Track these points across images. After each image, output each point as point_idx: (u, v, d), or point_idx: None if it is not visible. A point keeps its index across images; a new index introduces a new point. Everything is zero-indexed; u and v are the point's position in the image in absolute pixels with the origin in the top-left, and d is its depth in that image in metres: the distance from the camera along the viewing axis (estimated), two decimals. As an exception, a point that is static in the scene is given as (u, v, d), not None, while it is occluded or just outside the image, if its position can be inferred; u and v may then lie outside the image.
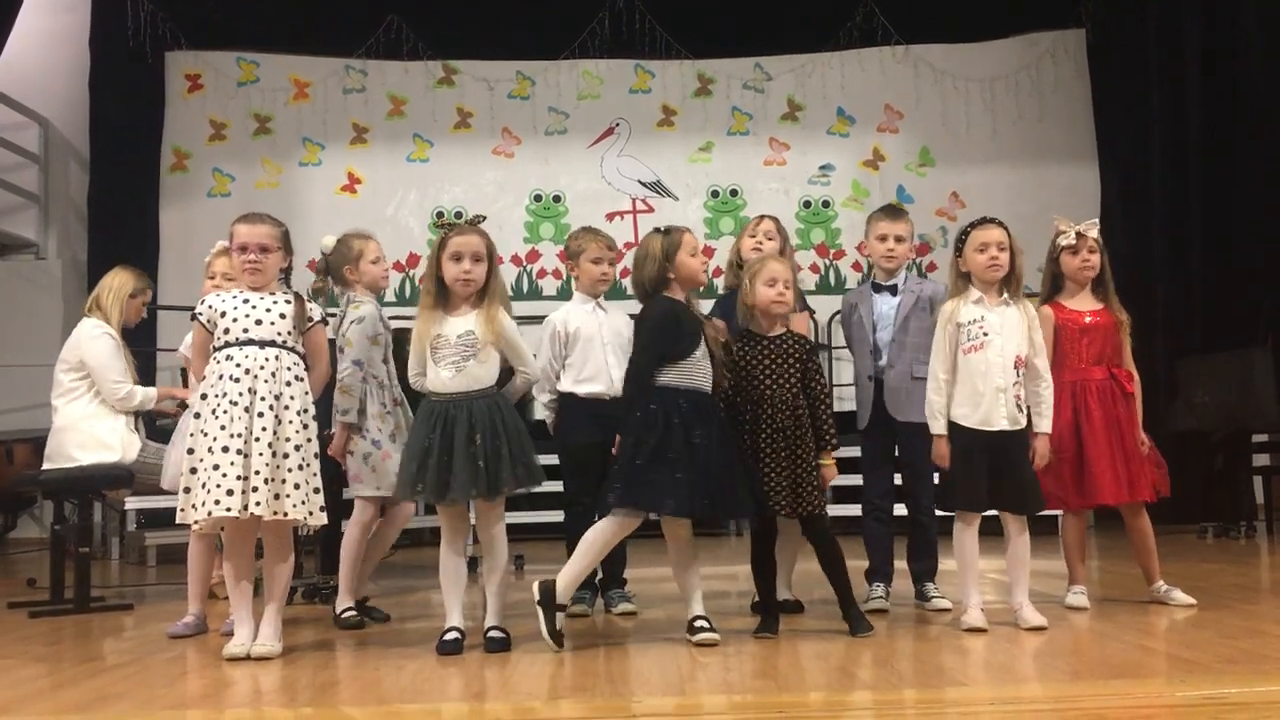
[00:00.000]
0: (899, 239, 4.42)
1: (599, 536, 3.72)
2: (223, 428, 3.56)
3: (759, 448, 3.77)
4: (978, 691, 2.95)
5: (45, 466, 4.93)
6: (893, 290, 4.42)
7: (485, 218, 3.86)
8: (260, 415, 3.60)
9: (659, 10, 9.02)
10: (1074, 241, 4.28)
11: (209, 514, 3.52)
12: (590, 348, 4.38)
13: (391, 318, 4.55)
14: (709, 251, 9.00)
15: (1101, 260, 4.30)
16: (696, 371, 3.72)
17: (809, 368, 3.84)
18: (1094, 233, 4.30)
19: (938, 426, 3.92)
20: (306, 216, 8.50)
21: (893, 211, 4.56)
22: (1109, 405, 4.22)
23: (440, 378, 3.68)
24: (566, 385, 4.40)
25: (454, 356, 3.68)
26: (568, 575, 3.71)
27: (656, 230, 3.88)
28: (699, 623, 3.66)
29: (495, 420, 3.65)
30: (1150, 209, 8.51)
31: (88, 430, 4.86)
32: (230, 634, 3.70)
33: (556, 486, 4.46)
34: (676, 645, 3.63)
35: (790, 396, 3.79)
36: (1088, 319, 4.28)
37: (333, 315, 4.21)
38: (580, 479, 4.33)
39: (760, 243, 4.48)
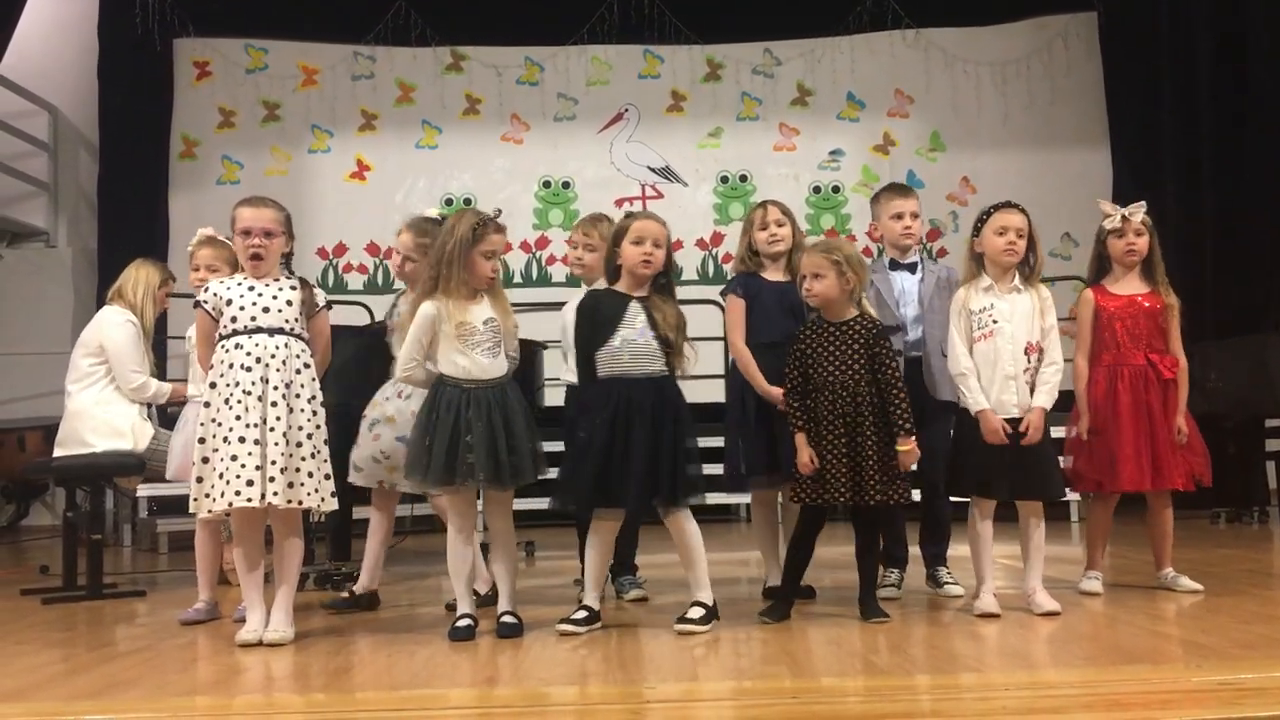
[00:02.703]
0: (914, 215, 4.38)
1: (589, 538, 3.82)
2: (238, 418, 3.55)
3: (820, 435, 3.73)
4: (992, 677, 2.94)
5: (57, 453, 4.92)
6: (911, 268, 4.38)
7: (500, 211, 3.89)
8: (274, 404, 3.59)
9: (668, -5, 8.99)
10: (1119, 225, 4.22)
11: (229, 504, 3.51)
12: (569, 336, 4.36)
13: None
14: (718, 238, 9.00)
15: (1151, 243, 4.23)
16: (614, 361, 3.71)
17: (876, 352, 3.73)
18: (1139, 215, 4.21)
19: (980, 402, 3.82)
20: (316, 204, 8.51)
21: (902, 189, 4.52)
22: (1139, 391, 4.17)
23: (475, 363, 3.65)
24: (564, 374, 4.39)
25: (487, 342, 3.68)
26: (587, 581, 3.79)
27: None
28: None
29: (520, 407, 3.70)
30: (1162, 193, 8.42)
31: (101, 416, 4.86)
32: (242, 620, 3.70)
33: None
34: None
35: (853, 382, 3.72)
36: (1130, 302, 4.21)
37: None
38: None
39: (774, 234, 4.33)
